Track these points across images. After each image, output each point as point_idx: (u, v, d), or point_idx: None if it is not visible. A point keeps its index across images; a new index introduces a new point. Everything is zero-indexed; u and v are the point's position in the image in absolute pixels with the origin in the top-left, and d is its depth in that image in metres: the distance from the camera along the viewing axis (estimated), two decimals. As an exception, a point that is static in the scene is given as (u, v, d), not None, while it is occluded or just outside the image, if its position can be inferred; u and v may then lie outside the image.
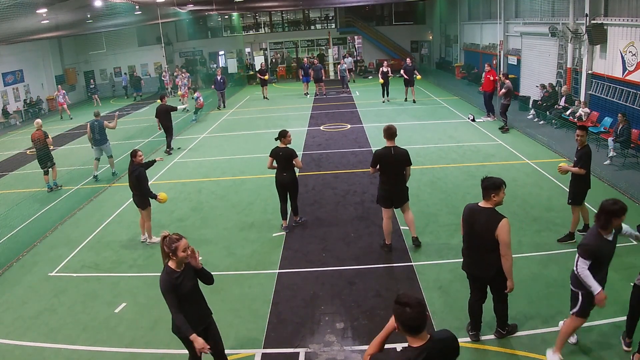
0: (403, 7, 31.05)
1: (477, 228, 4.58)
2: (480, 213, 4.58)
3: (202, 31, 32.02)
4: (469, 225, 4.69)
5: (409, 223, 7.10)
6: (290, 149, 7.59)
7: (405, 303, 2.59)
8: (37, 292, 6.69)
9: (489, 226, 4.46)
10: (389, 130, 6.78)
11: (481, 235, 4.55)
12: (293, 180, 7.71)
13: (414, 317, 2.57)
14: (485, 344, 4.99)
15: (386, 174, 6.76)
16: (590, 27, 12.56)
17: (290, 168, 7.62)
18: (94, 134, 11.48)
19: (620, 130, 10.75)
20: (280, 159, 7.58)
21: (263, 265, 6.98)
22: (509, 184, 9.35)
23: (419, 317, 2.58)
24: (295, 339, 5.27)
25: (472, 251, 4.74)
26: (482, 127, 14.44)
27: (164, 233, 4.05)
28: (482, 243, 4.56)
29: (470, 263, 4.82)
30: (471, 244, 4.72)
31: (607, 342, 4.90)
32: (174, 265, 3.98)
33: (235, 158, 12.81)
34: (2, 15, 12.77)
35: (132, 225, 8.62)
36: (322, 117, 17.28)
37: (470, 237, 4.70)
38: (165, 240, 3.95)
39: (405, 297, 2.63)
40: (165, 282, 3.91)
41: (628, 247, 6.81)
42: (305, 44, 32.12)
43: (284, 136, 7.59)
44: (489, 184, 4.58)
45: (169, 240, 3.92)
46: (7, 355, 5.33)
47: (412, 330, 2.61)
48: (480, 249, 4.60)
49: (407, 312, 2.57)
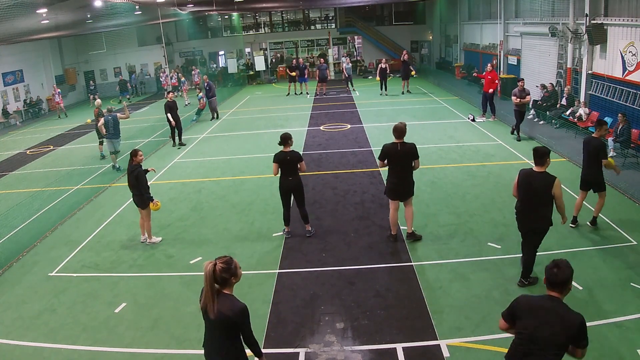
0: (403, 7, 31.03)
1: (535, 187, 5.55)
2: (537, 176, 5.59)
3: (202, 31, 32.02)
4: (527, 186, 5.63)
5: (408, 218, 7.25)
6: (297, 152, 7.41)
7: (557, 264, 3.24)
8: (37, 292, 6.68)
9: (546, 185, 5.48)
10: (398, 129, 6.90)
11: (539, 193, 5.53)
12: (298, 184, 7.46)
13: (556, 275, 3.22)
14: (486, 344, 4.99)
15: (393, 168, 7.01)
16: (590, 27, 12.56)
17: (296, 172, 7.41)
18: (108, 128, 11.80)
19: (620, 130, 10.76)
20: (288, 163, 7.31)
21: (263, 265, 6.98)
22: (509, 184, 9.46)
23: (558, 277, 3.21)
24: (295, 339, 5.27)
25: (529, 208, 5.66)
26: (482, 127, 14.44)
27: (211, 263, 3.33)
28: (539, 200, 5.56)
29: (526, 219, 5.74)
30: (529, 202, 5.65)
31: (608, 342, 4.89)
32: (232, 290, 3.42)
33: (235, 158, 12.81)
34: (2, 15, 12.76)
35: (132, 225, 8.62)
36: (322, 117, 17.27)
37: (529, 196, 5.64)
38: (223, 268, 3.31)
39: (560, 261, 3.26)
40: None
41: (628, 247, 6.82)
42: (305, 44, 32.12)
43: (289, 140, 7.34)
44: (544, 152, 5.60)
45: (232, 263, 3.36)
46: (7, 355, 5.33)
47: (550, 285, 3.27)
48: (538, 205, 5.59)
49: (553, 271, 3.22)
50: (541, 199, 5.56)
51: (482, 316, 5.45)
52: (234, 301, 3.35)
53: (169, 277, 6.83)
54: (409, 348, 5.00)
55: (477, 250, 6.98)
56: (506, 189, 9.31)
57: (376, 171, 10.81)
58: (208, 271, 3.27)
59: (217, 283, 3.31)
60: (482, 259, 6.73)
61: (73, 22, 19.29)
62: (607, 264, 6.39)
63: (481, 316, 5.45)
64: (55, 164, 13.76)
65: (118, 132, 12.04)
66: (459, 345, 5.01)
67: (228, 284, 3.35)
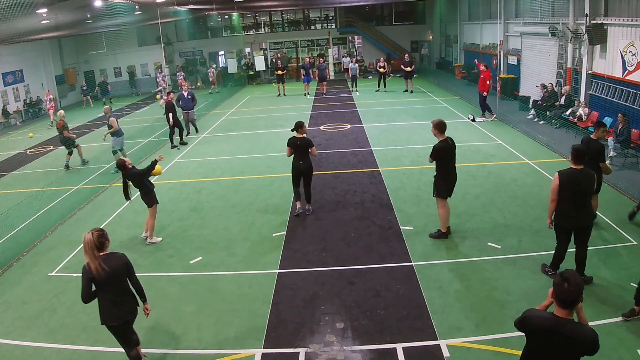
0: (403, 7, 31.03)
1: (581, 185, 5.59)
2: (579, 174, 5.61)
3: (202, 31, 32.02)
4: (574, 185, 5.59)
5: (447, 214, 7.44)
6: (307, 139, 8.23)
7: (566, 279, 2.96)
8: (37, 292, 6.68)
9: (589, 182, 5.59)
10: (442, 124, 7.01)
11: (585, 191, 5.60)
12: (309, 167, 8.34)
13: (567, 292, 2.96)
14: (486, 344, 4.99)
15: (447, 166, 7.10)
16: (590, 27, 12.56)
17: (307, 156, 8.26)
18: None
19: (620, 130, 10.76)
20: (298, 147, 8.15)
21: (263, 265, 6.98)
22: (508, 184, 9.49)
23: (570, 295, 2.95)
24: (295, 339, 5.27)
25: (576, 206, 5.65)
26: (482, 127, 14.44)
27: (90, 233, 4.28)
28: (584, 198, 5.63)
29: (573, 217, 5.70)
30: (577, 200, 5.63)
31: (608, 342, 4.89)
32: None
33: (235, 158, 12.81)
34: (2, 15, 12.76)
35: (132, 225, 8.62)
36: (322, 117, 17.27)
37: (576, 195, 5.62)
38: (99, 234, 4.26)
39: (569, 273, 3.00)
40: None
41: (628, 247, 6.82)
42: (305, 44, 32.12)
43: (301, 127, 8.22)
44: (582, 150, 5.68)
45: (104, 231, 4.33)
46: (7, 355, 5.34)
47: (561, 303, 3.01)
48: (585, 202, 5.64)
49: (563, 287, 2.96)
50: (586, 197, 5.66)
51: (482, 316, 5.45)
52: (115, 254, 4.41)
53: (168, 277, 6.83)
54: (409, 348, 5.00)
55: (477, 250, 6.98)
56: (506, 189, 9.32)
57: (376, 171, 10.81)
58: (89, 239, 4.20)
59: (97, 248, 4.24)
60: (482, 259, 6.73)
61: (73, 22, 19.28)
62: (607, 264, 6.40)
63: (481, 316, 5.45)
64: (55, 164, 13.75)
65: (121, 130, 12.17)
66: (459, 345, 5.01)
67: (105, 246, 4.32)
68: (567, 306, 3.00)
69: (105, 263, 4.22)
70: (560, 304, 3.02)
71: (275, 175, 10.98)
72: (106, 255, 4.31)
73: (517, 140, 12.82)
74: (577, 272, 5.77)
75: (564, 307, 3.01)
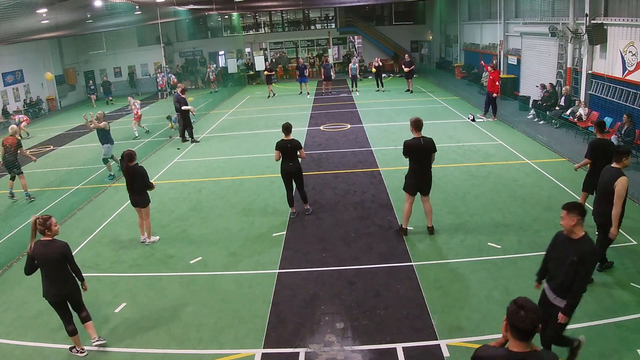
0: (403, 7, 31.01)
1: (603, 182, 5.69)
2: (610, 170, 5.66)
3: (202, 31, 31.99)
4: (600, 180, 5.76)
5: (428, 212, 7.58)
6: (297, 141, 8.17)
7: (522, 305, 2.66)
8: (37, 292, 6.65)
9: (611, 180, 5.51)
10: (419, 123, 7.18)
11: (606, 188, 5.58)
12: (298, 169, 8.27)
13: (525, 320, 2.63)
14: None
15: (417, 163, 7.19)
16: (590, 27, 12.56)
17: (296, 158, 8.22)
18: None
19: (626, 131, 10.51)
20: (288, 150, 8.10)
21: (263, 265, 6.98)
22: (508, 184, 9.48)
23: (529, 323, 2.63)
24: (295, 339, 5.27)
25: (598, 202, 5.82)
26: (482, 127, 14.44)
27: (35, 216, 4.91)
28: (605, 195, 5.61)
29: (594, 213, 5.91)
30: (599, 196, 5.82)
31: (608, 342, 4.90)
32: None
33: (235, 158, 12.81)
34: (2, 15, 12.75)
35: (132, 225, 8.62)
36: (322, 117, 17.27)
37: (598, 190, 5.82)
38: (40, 221, 4.87)
39: (524, 300, 2.69)
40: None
41: (628, 247, 6.82)
42: (305, 44, 32.11)
43: (290, 129, 8.22)
44: (623, 150, 5.70)
45: (49, 220, 4.92)
46: (7, 355, 5.34)
47: (519, 333, 2.66)
48: (606, 200, 5.61)
49: (520, 314, 2.64)
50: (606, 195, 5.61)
51: (482, 316, 5.45)
52: (56, 242, 4.96)
53: (168, 277, 6.83)
54: (409, 348, 5.00)
55: (477, 250, 6.98)
56: (506, 189, 9.32)
57: (376, 171, 10.81)
58: (32, 222, 4.86)
59: (40, 232, 4.88)
60: (482, 259, 6.74)
61: (73, 22, 19.27)
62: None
63: (481, 316, 5.45)
64: (55, 164, 13.76)
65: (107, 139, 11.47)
66: (459, 345, 5.01)
67: (45, 234, 4.89)
68: (525, 337, 2.66)
69: (44, 248, 4.86)
70: (517, 335, 2.68)
71: (275, 175, 10.95)
72: (47, 241, 4.90)
73: (517, 140, 12.82)
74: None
75: (521, 339, 2.67)
